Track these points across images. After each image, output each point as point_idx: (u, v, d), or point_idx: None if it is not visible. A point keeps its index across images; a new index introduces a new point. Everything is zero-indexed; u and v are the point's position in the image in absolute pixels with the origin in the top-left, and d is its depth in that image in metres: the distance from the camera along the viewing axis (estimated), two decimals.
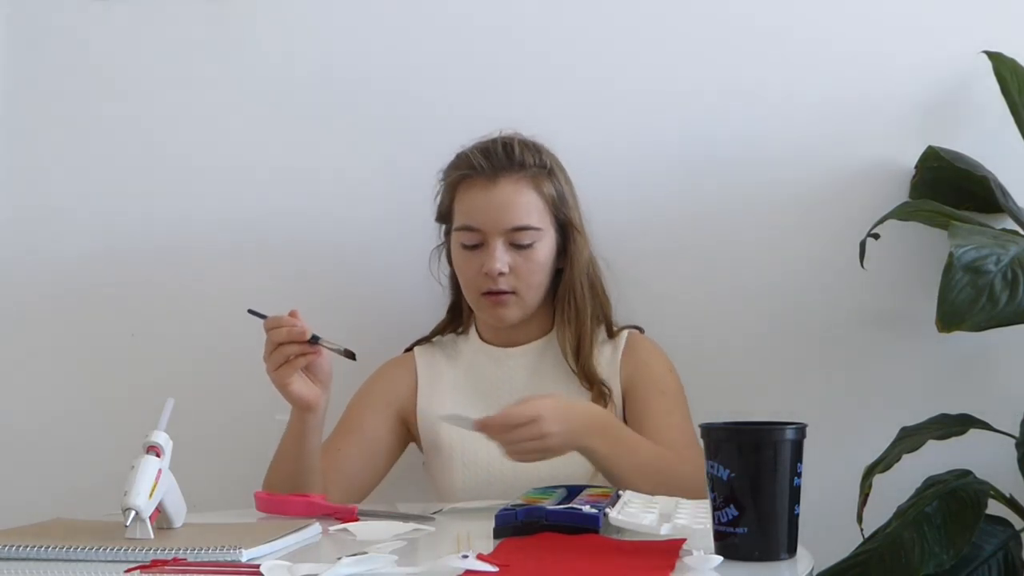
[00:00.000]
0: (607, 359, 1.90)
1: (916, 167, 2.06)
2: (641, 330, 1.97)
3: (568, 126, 1.92)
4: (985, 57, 2.02)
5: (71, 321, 2.20)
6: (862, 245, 1.92)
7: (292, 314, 1.68)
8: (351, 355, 1.69)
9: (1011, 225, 1.98)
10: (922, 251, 2.05)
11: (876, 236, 1.93)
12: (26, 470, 2.17)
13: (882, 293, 2.09)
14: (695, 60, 2.13)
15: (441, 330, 1.99)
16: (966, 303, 1.68)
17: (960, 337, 1.73)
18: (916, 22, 2.10)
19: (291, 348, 1.67)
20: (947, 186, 2.02)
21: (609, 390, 1.86)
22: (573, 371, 1.88)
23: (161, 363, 2.16)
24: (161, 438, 1.40)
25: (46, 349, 2.21)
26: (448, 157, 1.92)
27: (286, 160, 2.18)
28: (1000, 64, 2.01)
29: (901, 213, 1.97)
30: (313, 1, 2.19)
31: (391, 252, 2.15)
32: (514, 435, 1.62)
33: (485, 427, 1.61)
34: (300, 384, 1.69)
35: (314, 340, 1.67)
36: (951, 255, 1.68)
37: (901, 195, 2.06)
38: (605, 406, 1.84)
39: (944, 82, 2.10)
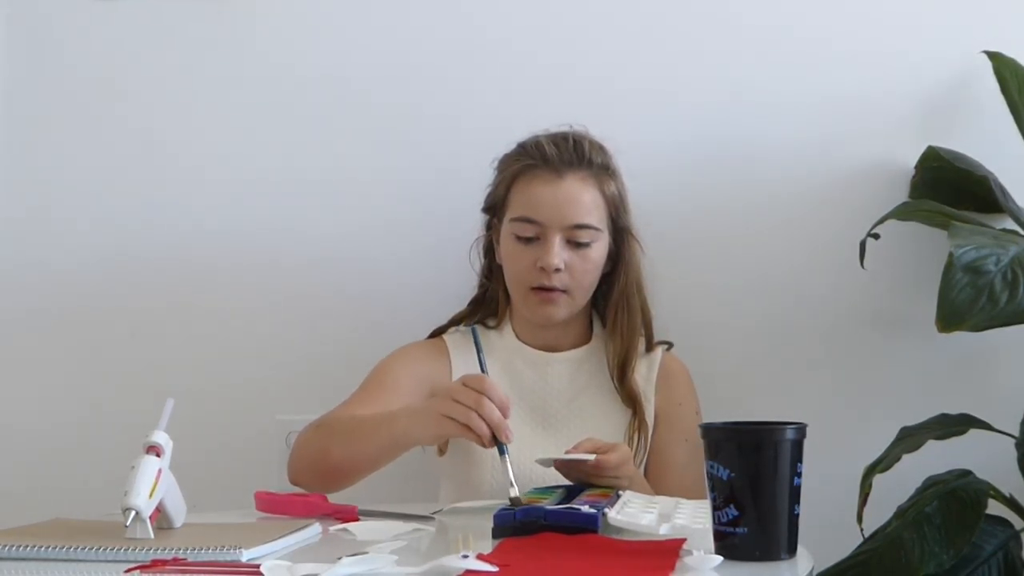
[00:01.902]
0: (643, 375, 1.89)
1: (916, 167, 2.06)
2: (671, 345, 1.96)
3: (567, 127, 1.92)
4: (985, 57, 2.02)
5: (71, 321, 2.20)
6: (862, 245, 1.92)
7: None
8: (516, 502, 1.47)
9: (1011, 225, 1.98)
10: (922, 251, 2.05)
11: (876, 236, 1.93)
12: (26, 470, 2.17)
13: (882, 293, 2.09)
14: (694, 60, 2.13)
15: (460, 320, 1.94)
16: (966, 303, 1.68)
17: (960, 337, 1.73)
18: (916, 22, 2.10)
19: (484, 432, 1.52)
20: (947, 186, 2.02)
21: (645, 412, 1.86)
22: (616, 388, 1.86)
23: (161, 363, 2.16)
24: (161, 438, 1.40)
25: (46, 349, 2.20)
26: (445, 158, 1.92)
27: (287, 161, 2.18)
28: (1000, 64, 2.01)
29: (901, 213, 1.97)
30: (314, 1, 2.19)
31: (391, 254, 2.15)
32: (619, 470, 1.62)
33: (606, 463, 1.60)
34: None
35: (502, 450, 1.53)
36: (951, 255, 1.68)
37: (901, 195, 2.06)
38: (642, 428, 1.84)
39: (944, 82, 2.10)
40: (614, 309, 1.88)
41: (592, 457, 1.59)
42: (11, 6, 2.23)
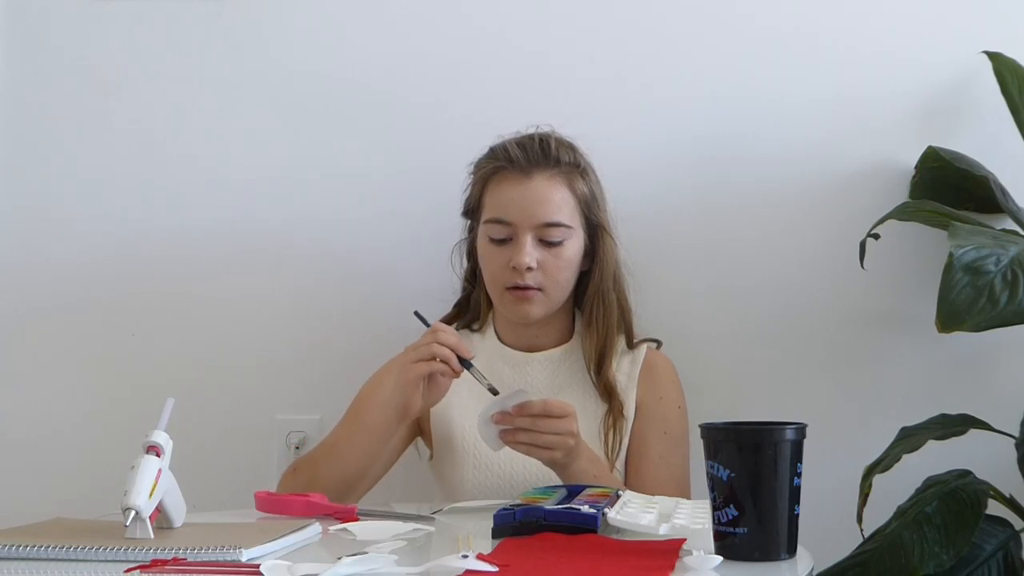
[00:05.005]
0: (625, 372, 1.89)
1: (916, 167, 2.06)
2: (659, 343, 1.96)
3: (568, 126, 1.92)
4: (985, 57, 2.02)
5: (71, 321, 2.20)
6: (862, 245, 1.92)
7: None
8: (494, 391, 1.70)
9: (1011, 225, 1.98)
10: (922, 251, 2.05)
11: (876, 236, 1.93)
12: (26, 470, 2.17)
13: (882, 293, 2.09)
14: (695, 60, 2.14)
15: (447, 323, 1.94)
16: (966, 303, 1.67)
17: (960, 337, 1.73)
18: (916, 22, 2.11)
19: (447, 353, 1.68)
20: (947, 186, 2.02)
21: (622, 404, 1.86)
22: (592, 382, 1.87)
23: (161, 363, 2.16)
24: (161, 438, 1.40)
25: (47, 349, 2.20)
26: (444, 156, 1.92)
27: (287, 160, 2.18)
28: (1000, 64, 2.01)
29: (901, 213, 1.97)
30: (314, 1, 2.19)
31: (391, 253, 2.15)
32: (546, 424, 1.63)
33: (524, 408, 1.63)
34: (421, 390, 1.70)
35: (467, 365, 1.70)
36: (951, 255, 1.68)
37: (901, 195, 2.06)
38: (618, 422, 1.84)
39: (944, 82, 2.10)
40: (590, 304, 1.89)
41: (523, 391, 1.64)
42: (10, 6, 2.23)
